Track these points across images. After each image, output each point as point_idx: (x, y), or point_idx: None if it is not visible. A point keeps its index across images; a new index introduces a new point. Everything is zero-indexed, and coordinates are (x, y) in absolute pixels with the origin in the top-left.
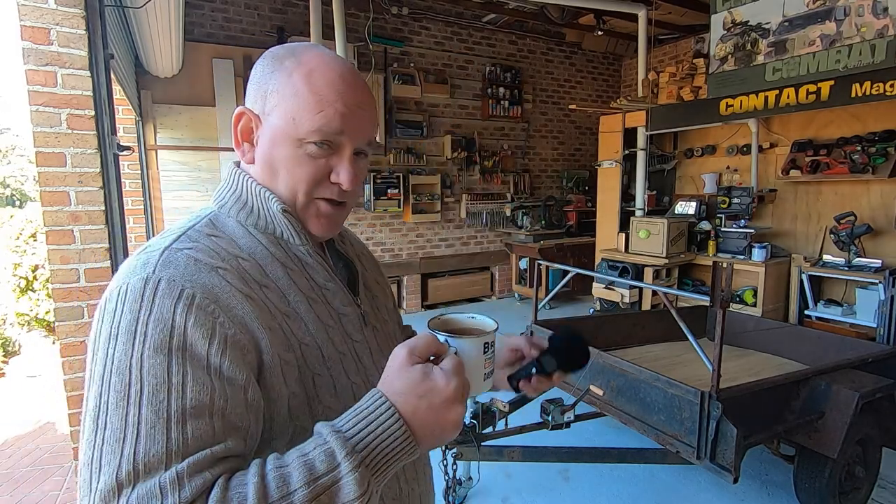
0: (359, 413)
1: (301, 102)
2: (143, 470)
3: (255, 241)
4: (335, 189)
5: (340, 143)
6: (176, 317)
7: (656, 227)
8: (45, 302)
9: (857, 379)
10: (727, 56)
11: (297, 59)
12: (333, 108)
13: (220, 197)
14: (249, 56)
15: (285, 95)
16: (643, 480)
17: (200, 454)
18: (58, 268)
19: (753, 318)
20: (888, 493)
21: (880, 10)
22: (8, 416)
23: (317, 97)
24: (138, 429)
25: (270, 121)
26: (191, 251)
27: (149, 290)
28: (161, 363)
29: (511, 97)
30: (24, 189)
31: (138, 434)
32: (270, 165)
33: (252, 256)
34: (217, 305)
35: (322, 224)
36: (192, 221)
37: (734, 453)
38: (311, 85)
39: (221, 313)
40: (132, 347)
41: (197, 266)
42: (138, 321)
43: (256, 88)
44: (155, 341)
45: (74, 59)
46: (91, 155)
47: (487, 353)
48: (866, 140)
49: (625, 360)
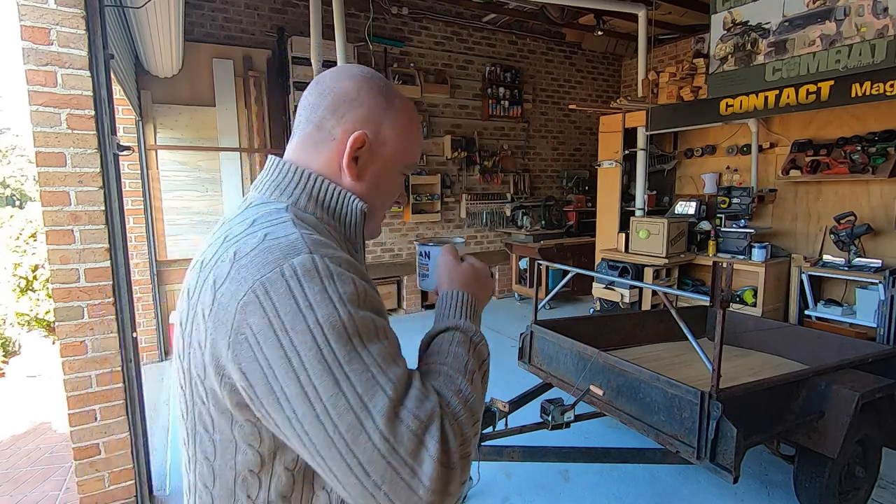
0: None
1: (408, 143)
2: (400, 386)
3: (331, 236)
4: (393, 206)
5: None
6: (353, 278)
7: (656, 227)
8: (45, 302)
9: (857, 379)
10: (727, 56)
11: (400, 100)
12: (419, 150)
13: (290, 192)
14: (249, 56)
15: (398, 133)
16: (643, 480)
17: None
18: (58, 268)
19: (753, 318)
20: (888, 493)
21: (880, 10)
22: (8, 417)
23: (416, 141)
24: (378, 364)
25: (384, 150)
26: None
27: (320, 264)
28: (366, 314)
29: (511, 97)
30: (24, 189)
31: (380, 367)
32: (377, 182)
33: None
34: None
35: (377, 230)
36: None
37: (734, 453)
38: (413, 127)
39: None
40: (335, 309)
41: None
42: (327, 288)
43: (369, 115)
44: (351, 299)
45: (74, 59)
46: (91, 155)
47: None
48: (866, 140)
49: (625, 360)
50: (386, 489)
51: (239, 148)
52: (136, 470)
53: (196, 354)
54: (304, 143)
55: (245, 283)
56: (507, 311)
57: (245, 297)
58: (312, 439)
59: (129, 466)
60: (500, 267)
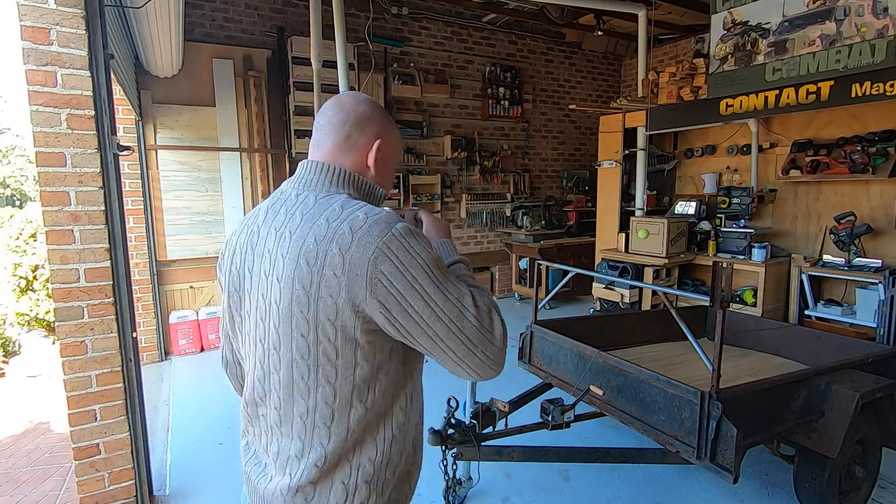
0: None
1: (397, 149)
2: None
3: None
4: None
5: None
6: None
7: (656, 227)
8: (45, 302)
9: (857, 379)
10: (727, 56)
11: (393, 125)
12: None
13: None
14: (249, 56)
15: (394, 141)
16: (643, 480)
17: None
18: (58, 268)
19: (753, 318)
20: (888, 493)
21: (880, 10)
22: (8, 417)
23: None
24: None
25: (388, 152)
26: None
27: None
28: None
29: (511, 97)
30: (24, 189)
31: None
32: (385, 174)
33: None
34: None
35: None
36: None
37: (734, 453)
38: (399, 139)
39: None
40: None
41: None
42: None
43: (380, 130)
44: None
45: (74, 59)
46: (91, 155)
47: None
48: (866, 140)
49: (625, 360)
50: (481, 347)
51: (239, 148)
52: (136, 470)
53: (327, 303)
54: (337, 149)
55: (372, 245)
56: (508, 311)
57: (374, 253)
58: (436, 330)
59: (129, 466)
60: (500, 267)
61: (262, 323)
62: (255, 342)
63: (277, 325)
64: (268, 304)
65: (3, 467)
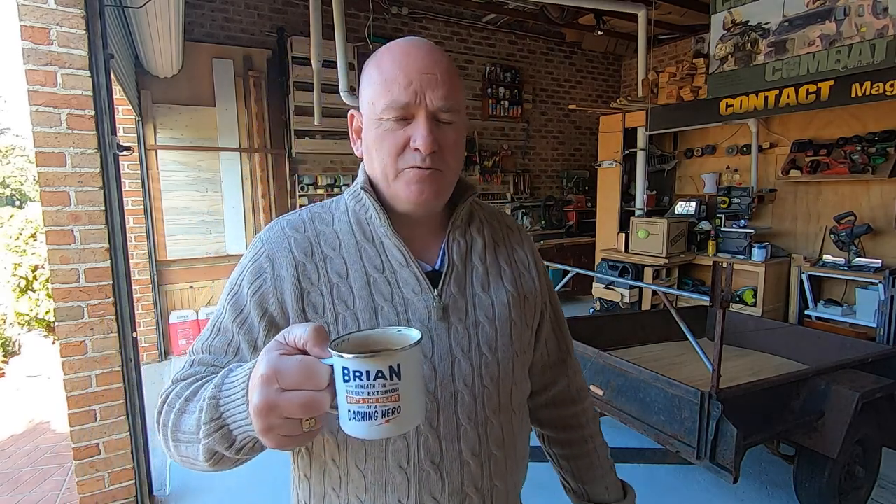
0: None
1: (375, 87)
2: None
3: (346, 220)
4: (418, 155)
5: (413, 113)
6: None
7: (656, 227)
8: (45, 302)
9: (857, 379)
10: (727, 56)
11: (378, 53)
12: (398, 84)
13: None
14: (249, 56)
15: (365, 86)
16: (643, 480)
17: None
18: (58, 268)
19: (753, 318)
20: (888, 493)
21: (880, 10)
22: (8, 417)
23: (384, 77)
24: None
25: (363, 112)
26: (287, 223)
27: (251, 243)
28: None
29: (511, 97)
30: (24, 189)
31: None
32: (368, 150)
33: (336, 231)
34: (270, 264)
35: (413, 191)
36: (331, 200)
37: (734, 453)
38: (381, 69)
39: (269, 270)
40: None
41: (280, 235)
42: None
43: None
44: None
45: (74, 59)
46: (91, 155)
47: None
48: (866, 140)
49: (625, 360)
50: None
51: (239, 148)
52: (135, 470)
53: None
54: None
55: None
56: None
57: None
58: None
59: (129, 466)
60: None
61: None
62: None
63: None
64: None
65: (3, 467)
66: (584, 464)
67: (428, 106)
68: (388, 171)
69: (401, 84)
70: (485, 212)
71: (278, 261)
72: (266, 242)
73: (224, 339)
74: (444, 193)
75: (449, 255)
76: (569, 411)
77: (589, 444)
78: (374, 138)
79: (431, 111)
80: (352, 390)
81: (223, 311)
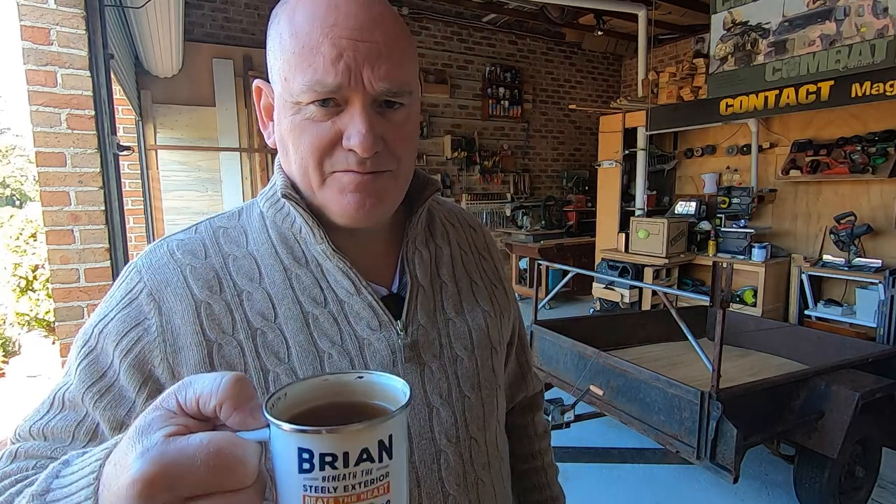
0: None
1: (287, 56)
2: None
3: (265, 237)
4: (353, 157)
5: (345, 97)
6: (111, 310)
7: (656, 227)
8: (45, 302)
9: (857, 379)
10: (727, 56)
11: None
12: (321, 55)
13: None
14: (249, 56)
15: (275, 52)
16: (643, 480)
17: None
18: (58, 268)
19: (753, 318)
20: (888, 493)
21: (880, 10)
22: (8, 417)
23: (301, 44)
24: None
25: (274, 88)
26: (179, 244)
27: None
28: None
29: (511, 97)
30: (24, 189)
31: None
32: (281, 142)
33: (253, 254)
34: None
35: (349, 204)
36: (233, 208)
37: (734, 453)
38: (294, 28)
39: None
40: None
41: (169, 262)
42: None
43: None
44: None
45: (74, 59)
46: (91, 155)
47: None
48: (866, 140)
49: (625, 360)
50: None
51: (239, 148)
52: None
53: None
54: None
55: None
56: None
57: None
58: None
59: None
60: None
61: None
62: None
63: None
64: None
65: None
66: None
67: (367, 88)
68: (310, 174)
69: (326, 56)
70: (444, 211)
71: (167, 301)
72: (147, 273)
73: (71, 419)
74: (393, 201)
75: (410, 272)
76: (519, 421)
77: (537, 460)
78: (290, 129)
79: (372, 95)
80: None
81: (71, 376)
